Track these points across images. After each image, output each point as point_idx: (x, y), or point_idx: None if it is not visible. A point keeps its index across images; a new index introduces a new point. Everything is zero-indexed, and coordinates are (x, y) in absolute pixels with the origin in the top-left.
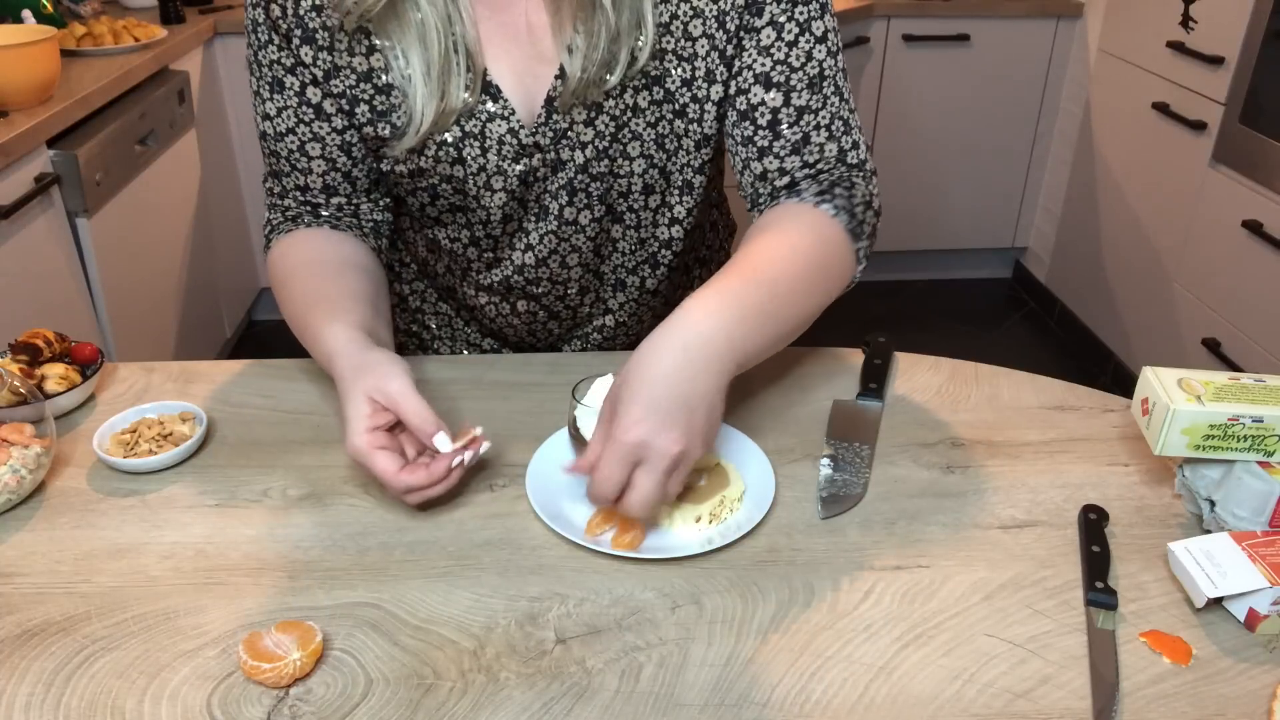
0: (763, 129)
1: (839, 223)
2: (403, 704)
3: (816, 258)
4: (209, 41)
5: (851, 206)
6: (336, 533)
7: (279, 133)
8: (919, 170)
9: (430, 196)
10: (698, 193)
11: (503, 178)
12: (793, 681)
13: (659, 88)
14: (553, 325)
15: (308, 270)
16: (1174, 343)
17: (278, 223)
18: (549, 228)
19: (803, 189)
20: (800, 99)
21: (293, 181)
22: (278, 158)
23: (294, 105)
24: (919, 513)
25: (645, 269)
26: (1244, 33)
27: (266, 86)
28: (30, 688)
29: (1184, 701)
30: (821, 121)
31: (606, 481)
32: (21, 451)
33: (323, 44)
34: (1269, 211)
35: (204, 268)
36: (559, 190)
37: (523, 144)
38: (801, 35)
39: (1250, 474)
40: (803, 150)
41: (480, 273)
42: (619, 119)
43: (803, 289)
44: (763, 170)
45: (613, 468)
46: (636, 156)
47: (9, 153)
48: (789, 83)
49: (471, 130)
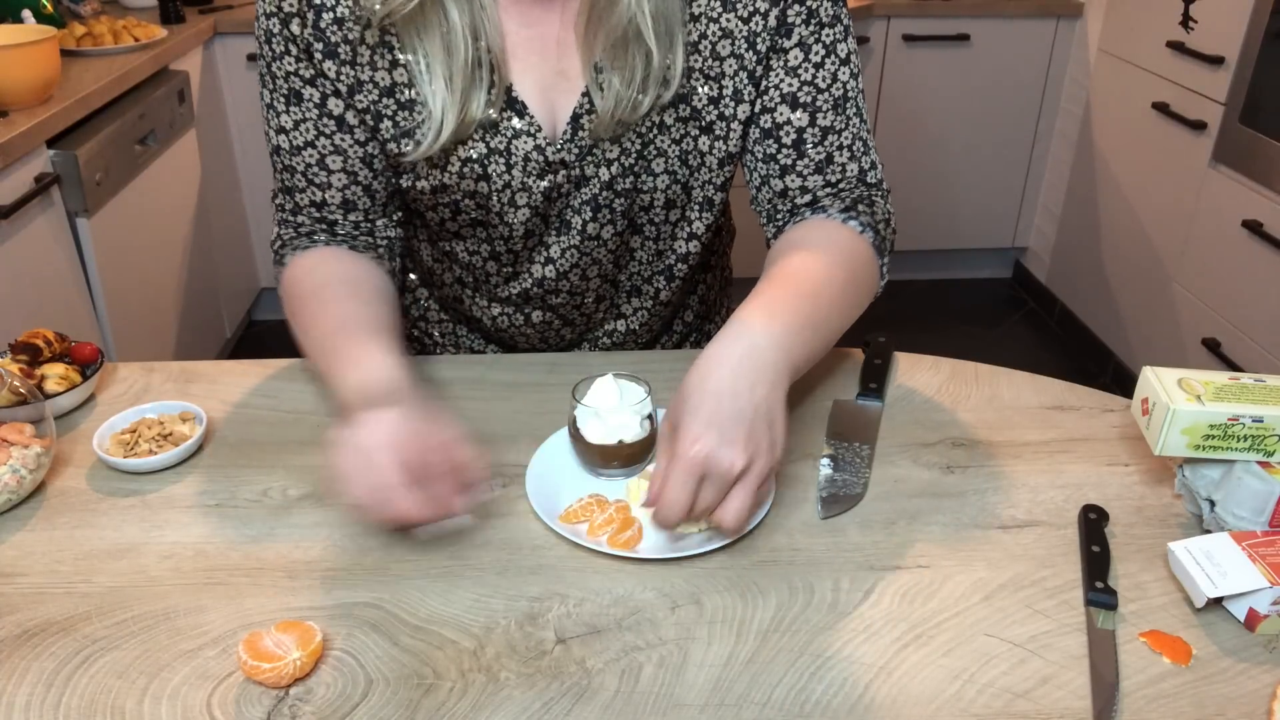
0: (787, 147)
1: (866, 239)
2: (403, 704)
3: (851, 271)
4: (209, 41)
5: (875, 224)
6: (336, 533)
7: (295, 146)
8: (919, 170)
9: (452, 212)
10: (717, 209)
11: (527, 194)
12: (793, 681)
13: (685, 105)
14: (566, 331)
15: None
16: (1174, 343)
17: (289, 238)
18: (571, 242)
19: (827, 205)
20: (825, 119)
21: (308, 197)
22: (292, 173)
23: (314, 117)
24: (919, 513)
25: (661, 279)
26: (1244, 33)
27: (282, 99)
28: (30, 688)
29: (1184, 701)
30: (844, 142)
31: (674, 503)
32: (21, 451)
33: (345, 58)
34: (1269, 211)
35: (204, 268)
36: (582, 205)
37: (549, 161)
38: (828, 57)
39: (1250, 474)
40: (826, 170)
41: (499, 285)
42: (645, 136)
43: (841, 301)
44: (784, 188)
45: (678, 488)
46: (661, 173)
47: (9, 153)
48: (815, 103)
49: (497, 147)
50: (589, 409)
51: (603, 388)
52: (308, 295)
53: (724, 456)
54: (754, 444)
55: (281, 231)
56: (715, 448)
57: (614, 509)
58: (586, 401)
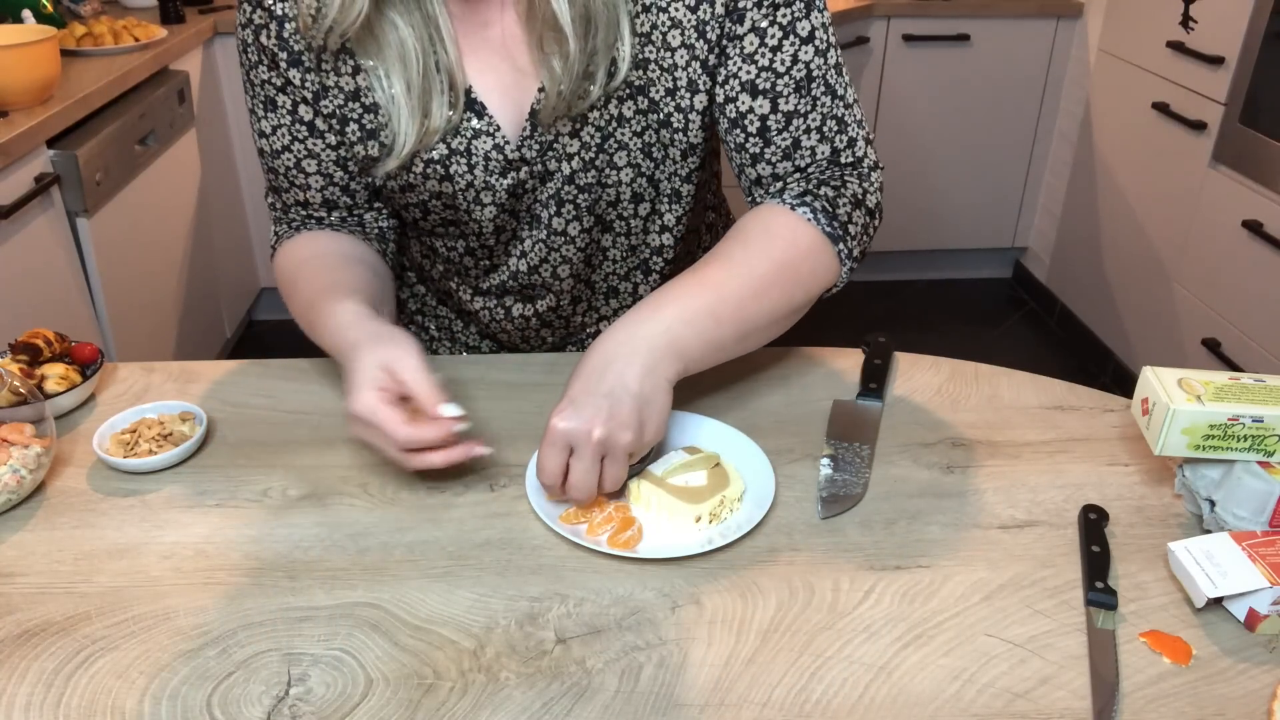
0: (753, 136)
1: (814, 225)
2: (403, 704)
3: (781, 261)
4: (209, 41)
5: (834, 208)
6: (336, 533)
7: (275, 150)
8: (919, 170)
9: (421, 212)
10: (686, 201)
11: (491, 192)
12: (793, 681)
13: (643, 97)
14: (546, 333)
15: (315, 263)
16: (1174, 343)
17: (283, 234)
18: (539, 236)
19: (786, 190)
20: (788, 104)
21: (293, 197)
22: (276, 174)
23: (287, 124)
24: (919, 513)
25: (638, 275)
26: (1244, 33)
27: (260, 105)
28: (30, 688)
29: (1184, 701)
30: (812, 124)
31: (543, 469)
32: (21, 451)
33: (309, 65)
34: (1269, 211)
35: (204, 268)
36: (549, 200)
37: (509, 159)
38: (785, 39)
39: (1250, 474)
40: (794, 155)
41: (479, 278)
42: (604, 130)
43: (758, 291)
44: (757, 176)
45: (546, 455)
46: (624, 166)
47: (9, 153)
48: (775, 89)
49: (458, 148)
50: None
51: None
52: (292, 273)
53: (581, 430)
54: (614, 420)
55: (277, 229)
56: (576, 423)
57: (614, 509)
58: None
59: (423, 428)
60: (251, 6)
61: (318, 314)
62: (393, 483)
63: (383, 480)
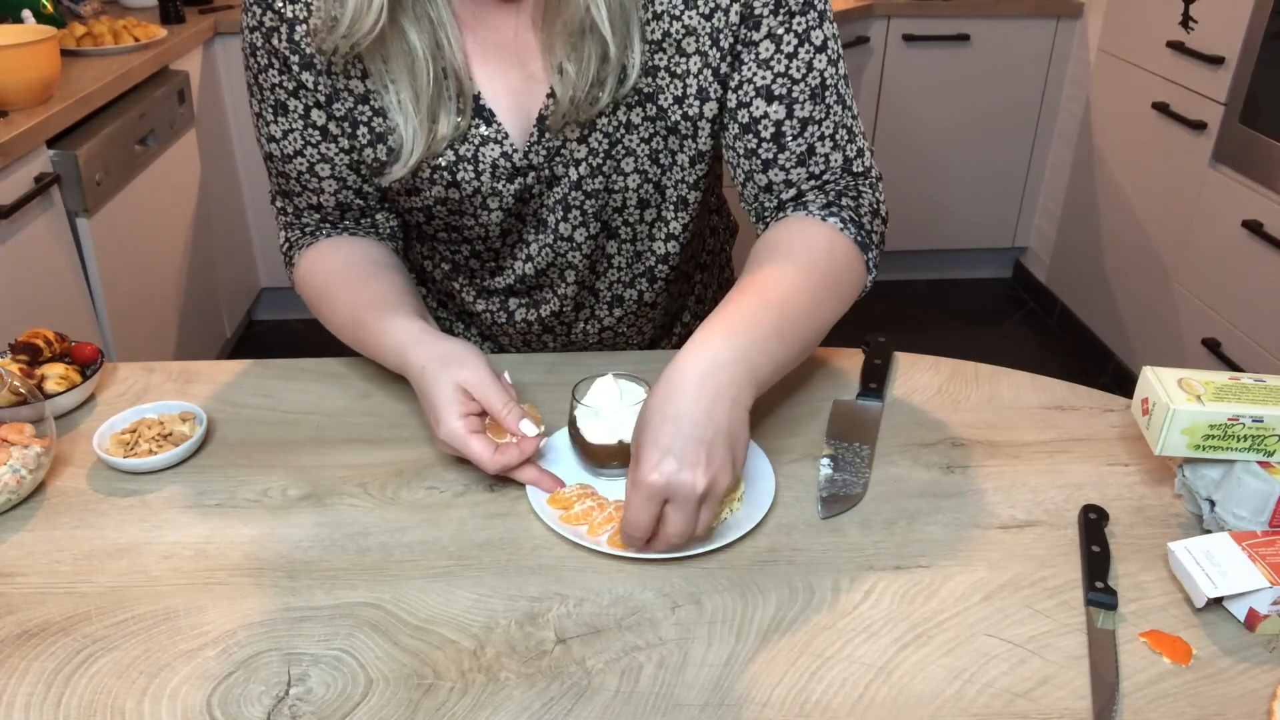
0: (767, 142)
1: (847, 235)
2: (403, 704)
3: (826, 272)
4: (209, 41)
5: (859, 217)
6: (336, 533)
7: (286, 154)
8: (919, 170)
9: (426, 216)
10: (693, 208)
11: (498, 198)
12: (793, 681)
13: (652, 104)
14: (547, 338)
15: (346, 275)
16: (1174, 343)
17: (296, 239)
18: (545, 241)
19: (809, 201)
20: (804, 110)
21: (305, 201)
22: (287, 179)
23: (299, 128)
24: (919, 513)
25: (642, 282)
26: (1244, 33)
27: (270, 109)
28: (30, 688)
29: (1184, 701)
30: (826, 132)
31: (636, 526)
32: (21, 451)
33: (321, 68)
34: (1269, 211)
35: (204, 268)
36: (555, 205)
37: (516, 166)
38: (801, 46)
39: (1250, 474)
40: (808, 162)
41: (484, 280)
42: (612, 136)
43: (815, 305)
44: (768, 183)
45: (640, 512)
46: (631, 172)
47: (9, 153)
48: (791, 95)
49: (465, 154)
50: (589, 409)
51: (603, 388)
52: (322, 287)
53: (685, 481)
54: (714, 465)
55: (288, 235)
56: (675, 473)
57: (613, 509)
58: (586, 401)
59: (508, 452)
60: (261, 9)
61: (368, 332)
62: (393, 483)
63: (383, 480)
